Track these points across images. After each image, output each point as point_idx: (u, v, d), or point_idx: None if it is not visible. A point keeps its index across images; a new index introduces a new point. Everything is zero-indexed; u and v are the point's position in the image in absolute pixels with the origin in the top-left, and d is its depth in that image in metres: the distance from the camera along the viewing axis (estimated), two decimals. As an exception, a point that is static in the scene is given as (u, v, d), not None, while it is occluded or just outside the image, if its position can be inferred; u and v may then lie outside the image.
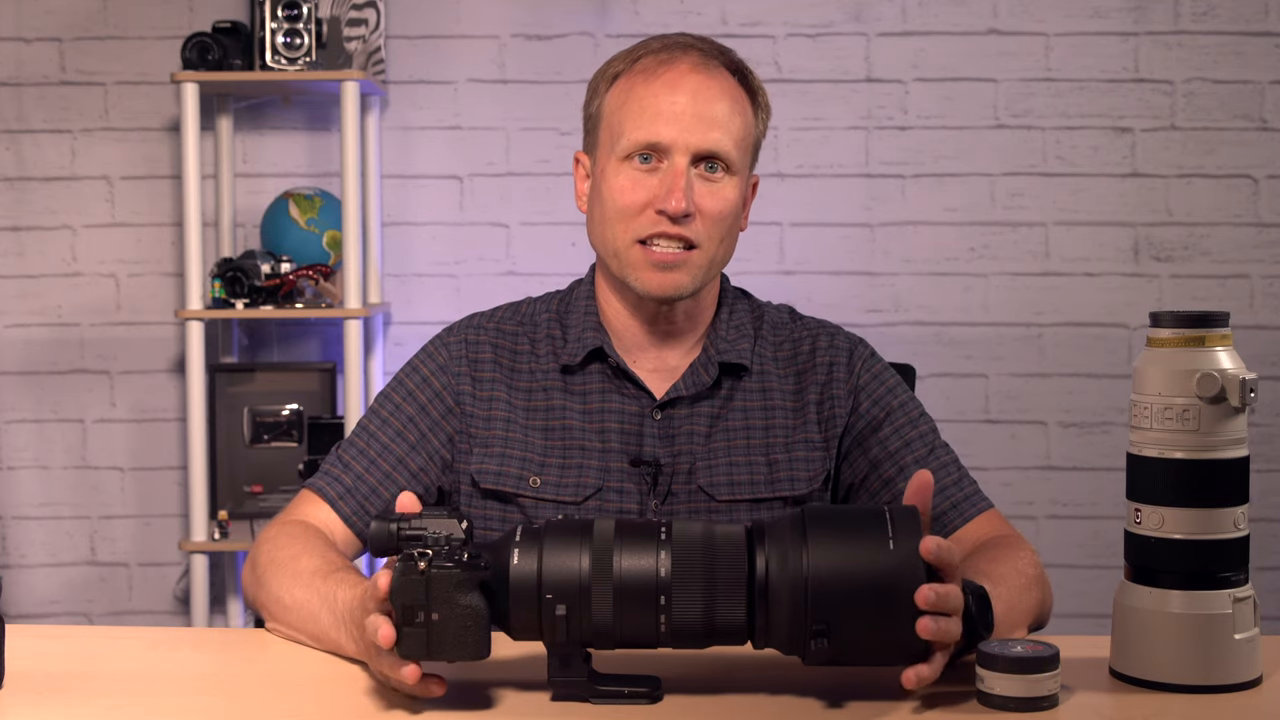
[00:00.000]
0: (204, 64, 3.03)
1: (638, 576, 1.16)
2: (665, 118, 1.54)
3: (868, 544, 1.15)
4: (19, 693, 1.25)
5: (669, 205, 1.53)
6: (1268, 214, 3.29)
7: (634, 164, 1.55)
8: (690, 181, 1.54)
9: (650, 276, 1.56)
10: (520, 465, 1.59)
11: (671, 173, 1.54)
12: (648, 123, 1.55)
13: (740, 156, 1.58)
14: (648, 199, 1.55)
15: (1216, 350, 1.23)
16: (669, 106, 1.55)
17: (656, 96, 1.55)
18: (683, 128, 1.54)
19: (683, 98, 1.55)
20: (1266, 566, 3.25)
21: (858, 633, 1.15)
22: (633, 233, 1.55)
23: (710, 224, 1.56)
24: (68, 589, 3.37)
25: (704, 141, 1.54)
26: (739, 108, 1.59)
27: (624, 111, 1.57)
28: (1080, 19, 3.27)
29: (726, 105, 1.57)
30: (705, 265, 1.57)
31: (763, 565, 1.17)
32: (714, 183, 1.56)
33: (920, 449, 1.61)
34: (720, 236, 1.57)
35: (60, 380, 3.35)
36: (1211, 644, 1.22)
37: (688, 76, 1.56)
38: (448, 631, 1.16)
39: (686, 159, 1.54)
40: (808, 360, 1.65)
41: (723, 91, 1.57)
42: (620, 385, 1.62)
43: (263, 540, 1.54)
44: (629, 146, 1.55)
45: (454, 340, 1.66)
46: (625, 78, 1.59)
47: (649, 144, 1.54)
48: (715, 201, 1.56)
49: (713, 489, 1.58)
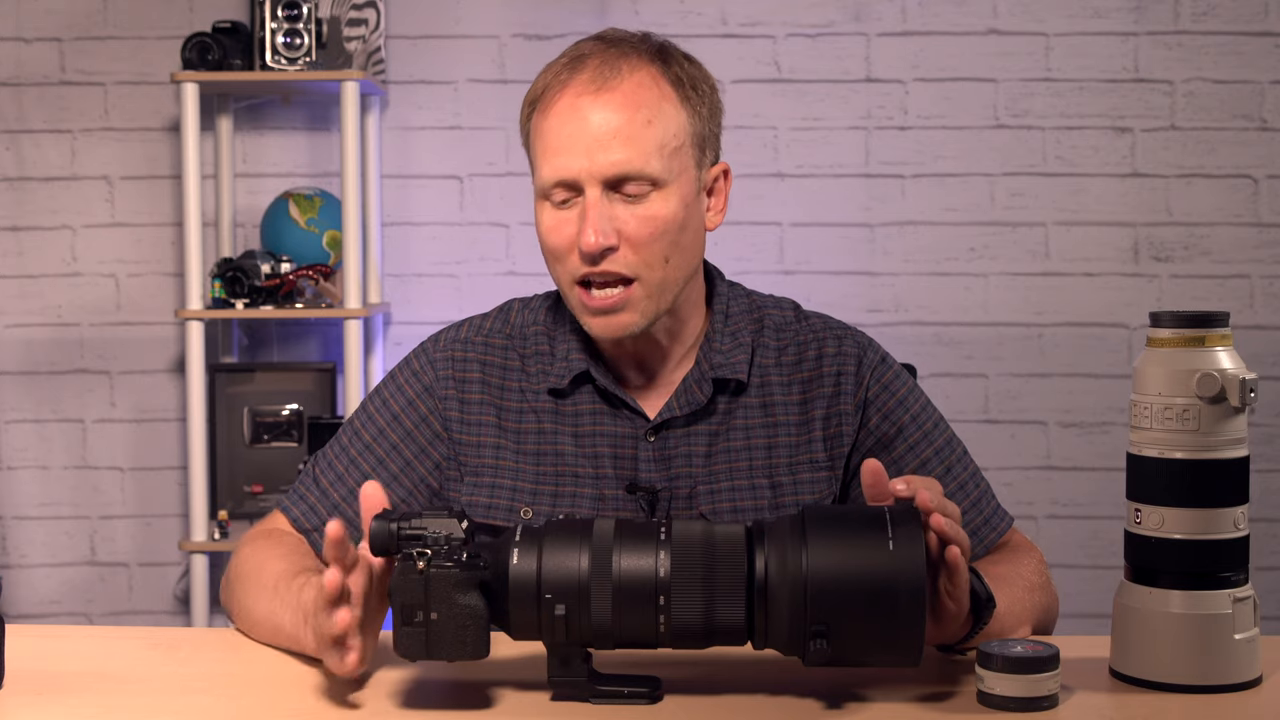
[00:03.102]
0: (204, 64, 3.03)
1: (637, 576, 1.16)
2: (566, 149, 1.44)
3: (867, 544, 1.14)
4: (19, 693, 1.25)
5: (582, 245, 1.43)
6: (1268, 214, 3.29)
7: (553, 201, 1.46)
8: (606, 211, 1.43)
9: (595, 322, 1.47)
10: (510, 496, 1.52)
11: (582, 208, 1.44)
12: (551, 158, 1.45)
13: (668, 163, 1.44)
14: (571, 238, 1.45)
15: (1216, 350, 1.23)
16: (568, 138, 1.44)
17: (556, 129, 1.45)
18: (584, 156, 1.43)
19: (579, 123, 1.43)
20: (1266, 566, 3.25)
21: (857, 633, 1.14)
22: (567, 275, 1.47)
23: (642, 249, 1.44)
24: (68, 589, 3.37)
25: (610, 167, 1.42)
26: (654, 111, 1.44)
27: (534, 148, 1.49)
28: (1080, 19, 3.27)
29: (637, 114, 1.43)
30: (653, 294, 1.46)
31: (762, 565, 1.16)
32: (638, 203, 1.44)
33: (936, 467, 1.53)
34: (662, 256, 1.45)
35: (60, 380, 3.35)
36: (1211, 644, 1.22)
37: (581, 98, 1.44)
38: (446, 631, 1.16)
39: (598, 189, 1.43)
40: (814, 368, 1.55)
41: (627, 100, 1.44)
42: (612, 407, 1.53)
43: (234, 555, 1.52)
44: (542, 186, 1.47)
45: (440, 358, 1.57)
46: (536, 107, 1.49)
47: (557, 180, 1.45)
48: (642, 224, 1.44)
49: (715, 516, 1.49)
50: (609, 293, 1.45)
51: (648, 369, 1.55)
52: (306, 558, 1.48)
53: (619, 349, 1.54)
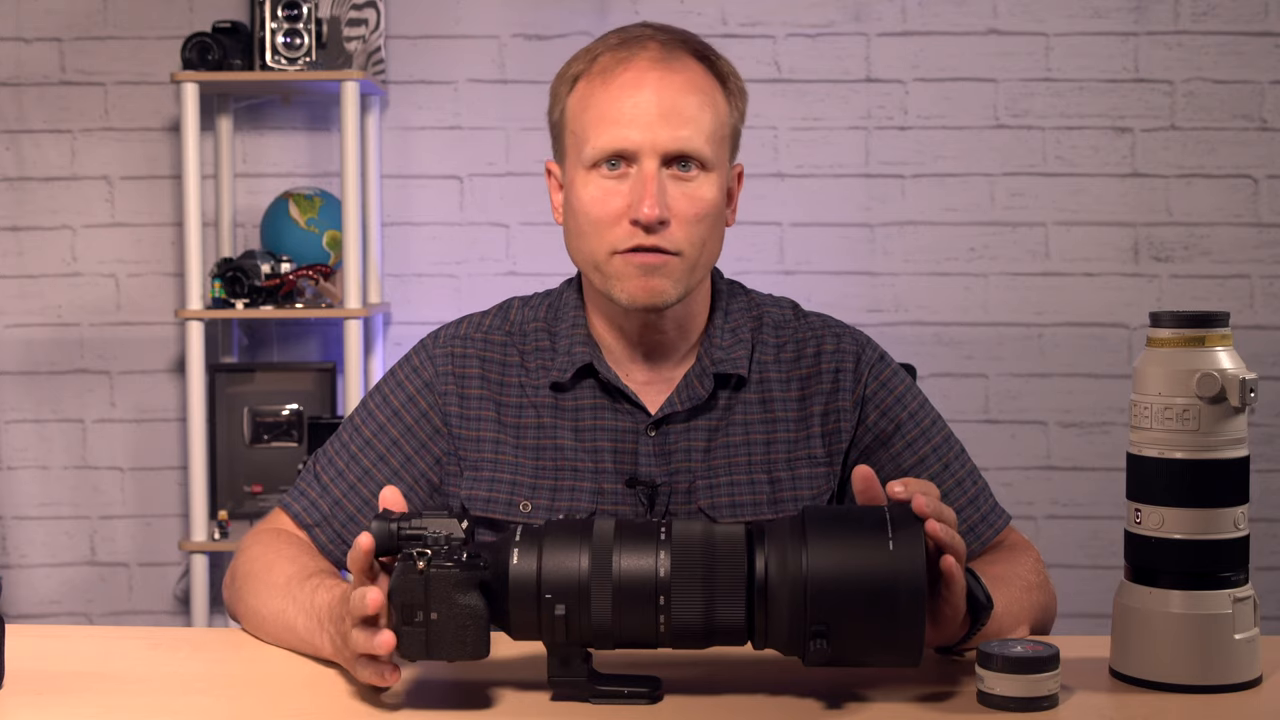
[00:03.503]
0: (204, 64, 3.03)
1: (637, 576, 1.16)
2: (628, 120, 1.45)
3: (867, 544, 1.14)
4: (19, 693, 1.25)
5: (641, 213, 1.44)
6: (1268, 214, 3.29)
7: (602, 172, 1.47)
8: (662, 185, 1.45)
9: (633, 285, 1.47)
10: (510, 490, 1.52)
11: (641, 178, 1.45)
12: (610, 128, 1.46)
13: (715, 151, 1.48)
14: (620, 209, 1.46)
15: (1216, 350, 1.23)
16: (632, 108, 1.45)
17: (618, 99, 1.46)
18: (648, 129, 1.45)
19: (646, 96, 1.46)
20: (1266, 566, 3.25)
21: (857, 633, 1.14)
22: (608, 245, 1.47)
23: (688, 227, 1.47)
24: (68, 589, 3.37)
25: (672, 141, 1.45)
26: (708, 99, 1.49)
27: (586, 118, 1.48)
28: (1080, 19, 3.27)
29: (695, 99, 1.47)
30: (688, 270, 1.48)
31: (762, 565, 1.16)
32: (688, 182, 1.47)
33: (934, 464, 1.54)
34: (702, 239, 1.48)
35: (60, 380, 3.35)
36: (1211, 644, 1.22)
37: (649, 73, 1.47)
38: (446, 631, 1.16)
39: (656, 162, 1.45)
40: (812, 365, 1.56)
41: (689, 84, 1.48)
42: (613, 402, 1.54)
43: (238, 553, 1.52)
44: (594, 155, 1.47)
45: (440, 354, 1.58)
46: (584, 80, 1.50)
47: (614, 150, 1.46)
48: (691, 203, 1.47)
49: (714, 510, 1.50)
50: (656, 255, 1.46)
51: (652, 361, 1.55)
52: (315, 558, 1.48)
53: (624, 338, 1.55)
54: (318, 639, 1.31)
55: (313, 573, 1.39)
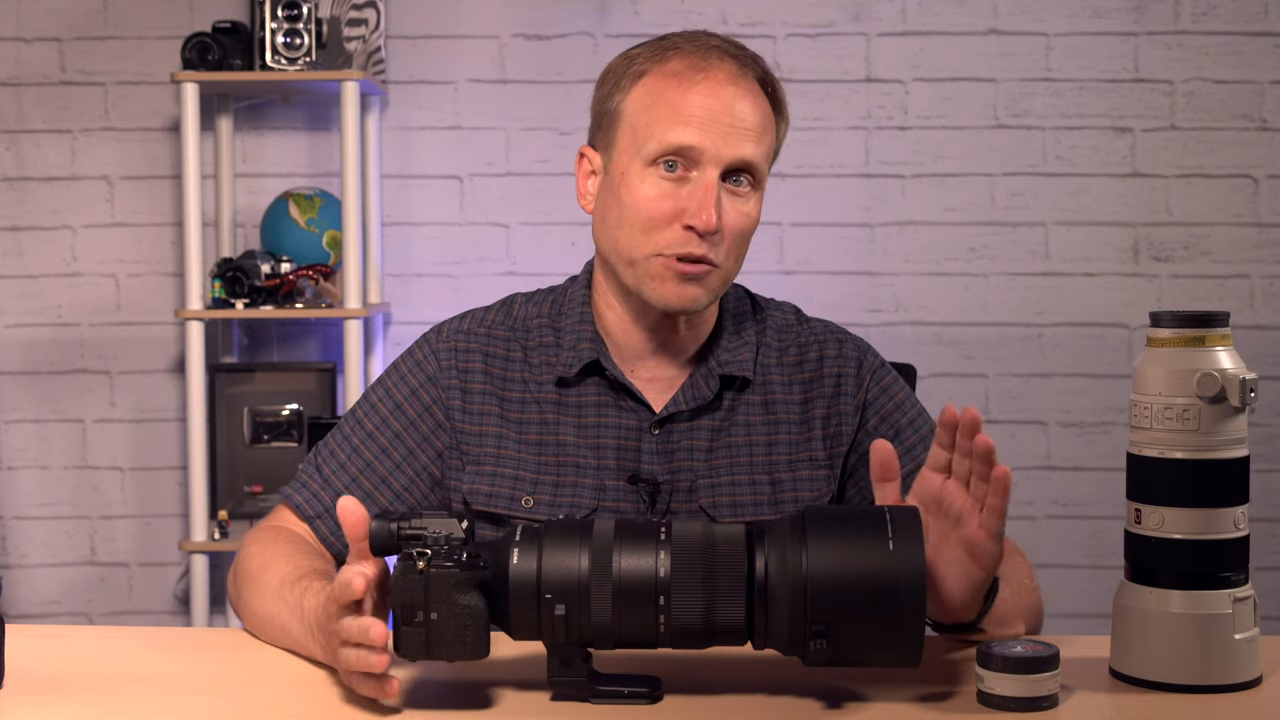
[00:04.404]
0: (204, 64, 3.03)
1: (637, 576, 1.16)
2: (700, 123, 1.47)
3: (867, 545, 1.14)
4: (19, 693, 1.25)
5: (699, 220, 1.46)
6: (1268, 214, 3.29)
7: (660, 171, 1.48)
8: (719, 196, 1.48)
9: (669, 289, 1.48)
10: (512, 485, 1.53)
11: (702, 185, 1.47)
12: (683, 125, 1.47)
13: (765, 171, 1.53)
14: (673, 211, 1.47)
15: (1216, 350, 1.23)
16: (704, 113, 1.47)
17: (691, 102, 1.48)
18: (718, 136, 1.47)
19: (719, 106, 1.48)
20: (1266, 566, 3.25)
21: (857, 633, 1.14)
22: (654, 246, 1.48)
23: (732, 241, 1.50)
24: (68, 589, 3.37)
25: (738, 152, 1.48)
26: (768, 123, 1.52)
27: (654, 112, 1.49)
28: (1080, 19, 3.27)
29: (759, 119, 1.50)
30: (721, 283, 1.52)
31: (762, 565, 1.16)
32: (740, 198, 1.50)
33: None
34: (740, 255, 1.52)
35: (60, 380, 3.35)
36: (1211, 644, 1.22)
37: (726, 86, 1.49)
38: (446, 631, 1.16)
39: (718, 171, 1.47)
40: (814, 369, 1.59)
41: (755, 105, 1.50)
42: (617, 398, 1.55)
43: (240, 550, 1.53)
44: (659, 149, 1.47)
45: (444, 348, 1.59)
46: (653, 77, 1.50)
47: (682, 146, 1.47)
48: (740, 218, 1.50)
49: (714, 509, 1.52)
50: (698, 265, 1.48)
51: (660, 360, 1.57)
52: (310, 556, 1.48)
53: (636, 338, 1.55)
54: (309, 642, 1.32)
55: (304, 574, 1.39)
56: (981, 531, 1.26)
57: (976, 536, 1.26)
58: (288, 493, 1.58)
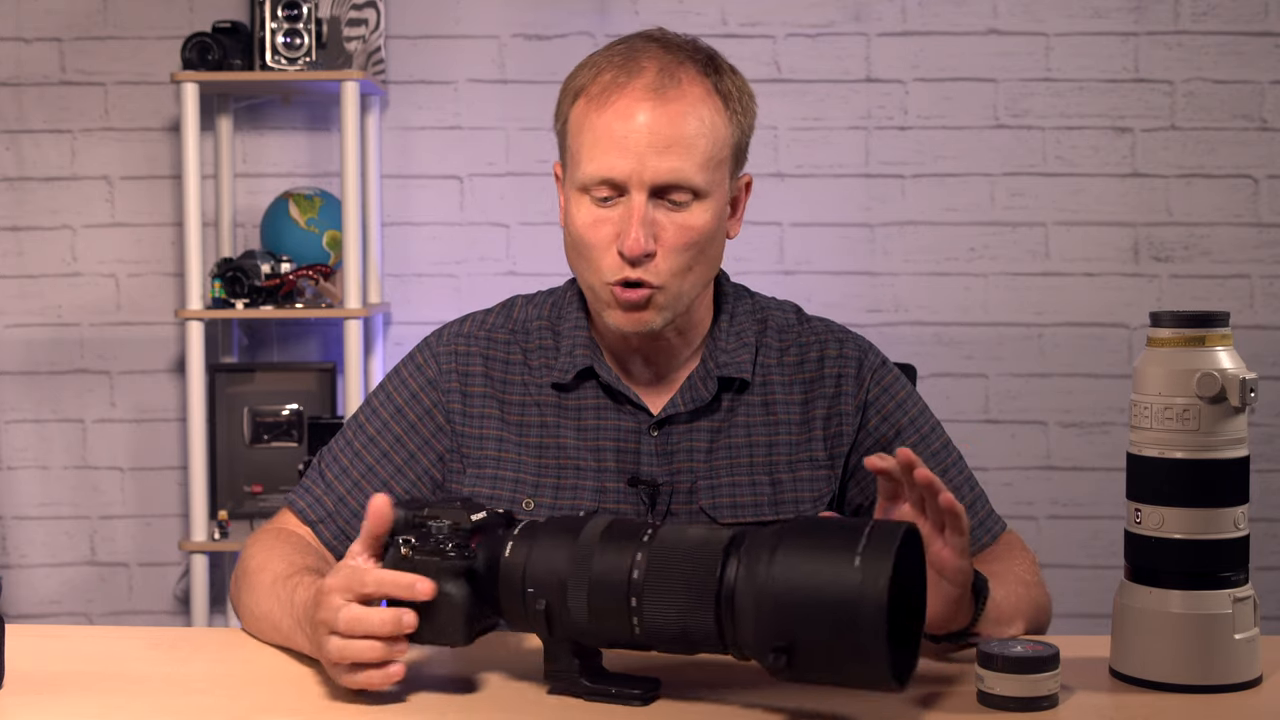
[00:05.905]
0: (204, 64, 3.03)
1: (611, 577, 1.16)
2: (618, 150, 1.43)
3: (833, 560, 1.09)
4: (19, 693, 1.25)
5: (625, 246, 1.43)
6: (1268, 214, 3.29)
7: (593, 198, 1.46)
8: (650, 217, 1.44)
9: (619, 316, 1.48)
10: (513, 488, 1.53)
11: (628, 210, 1.44)
12: (601, 155, 1.44)
13: (711, 175, 1.46)
14: (609, 237, 1.45)
15: (1216, 350, 1.23)
16: (620, 136, 1.43)
17: (610, 125, 1.44)
18: (638, 160, 1.42)
19: (634, 126, 1.43)
20: (1266, 566, 3.25)
21: (820, 650, 1.09)
22: (599, 274, 1.47)
23: (672, 257, 1.45)
24: (68, 589, 3.37)
25: (659, 174, 1.43)
26: (706, 124, 1.45)
27: (580, 139, 1.47)
28: (1080, 19, 3.27)
29: (691, 124, 1.44)
30: (673, 300, 1.48)
31: (732, 574, 1.13)
32: (679, 212, 1.45)
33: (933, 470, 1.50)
34: (687, 266, 1.46)
35: (60, 380, 3.35)
36: (1211, 644, 1.22)
37: (643, 101, 1.43)
38: (426, 617, 1.20)
39: (644, 194, 1.43)
40: (815, 369, 1.57)
41: (685, 111, 1.44)
42: (615, 402, 1.54)
43: (241, 553, 1.53)
44: (584, 180, 1.45)
45: (444, 352, 1.58)
46: (583, 98, 1.47)
47: (602, 179, 1.44)
48: (680, 233, 1.45)
49: (715, 511, 1.52)
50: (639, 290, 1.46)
51: (654, 365, 1.56)
52: (308, 556, 1.48)
53: (626, 345, 1.55)
54: (298, 637, 1.32)
55: (297, 569, 1.39)
56: (947, 551, 1.26)
57: (943, 556, 1.27)
58: (291, 497, 1.59)
